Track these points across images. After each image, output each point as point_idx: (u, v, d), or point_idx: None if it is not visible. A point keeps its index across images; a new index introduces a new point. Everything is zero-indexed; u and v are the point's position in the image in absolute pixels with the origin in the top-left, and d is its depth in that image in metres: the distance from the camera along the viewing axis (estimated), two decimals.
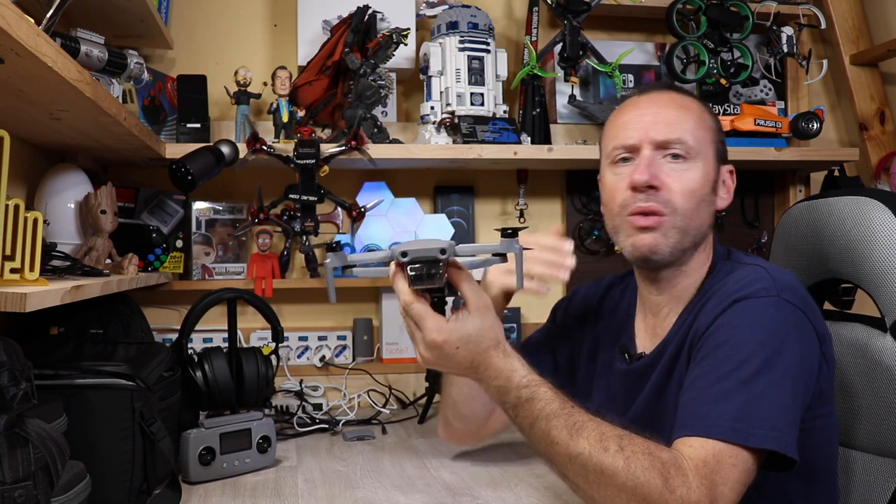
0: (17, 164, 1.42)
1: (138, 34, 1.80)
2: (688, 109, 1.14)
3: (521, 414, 0.97)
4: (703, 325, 1.04)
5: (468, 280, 1.01)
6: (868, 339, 1.21)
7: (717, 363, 0.98)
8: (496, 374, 0.99)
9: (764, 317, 1.00)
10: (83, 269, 1.28)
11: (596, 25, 2.11)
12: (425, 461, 1.47)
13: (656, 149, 1.11)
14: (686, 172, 1.10)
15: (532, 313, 2.07)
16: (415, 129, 2.02)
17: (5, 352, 0.86)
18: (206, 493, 1.30)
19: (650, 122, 1.12)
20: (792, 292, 1.03)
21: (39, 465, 0.87)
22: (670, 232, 1.10)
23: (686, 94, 1.18)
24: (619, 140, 1.15)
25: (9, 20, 0.79)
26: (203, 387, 1.41)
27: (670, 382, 1.09)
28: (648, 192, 1.09)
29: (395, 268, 0.99)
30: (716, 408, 0.93)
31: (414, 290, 0.98)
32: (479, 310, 0.99)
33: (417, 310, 0.99)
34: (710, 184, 1.13)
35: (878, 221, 1.20)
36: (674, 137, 1.10)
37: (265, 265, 1.89)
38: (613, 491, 0.89)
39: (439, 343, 0.98)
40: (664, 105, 1.14)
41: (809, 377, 1.01)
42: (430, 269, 0.95)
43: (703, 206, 1.11)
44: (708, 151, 1.13)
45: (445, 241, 0.95)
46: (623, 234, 1.14)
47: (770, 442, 0.91)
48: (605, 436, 0.91)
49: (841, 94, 2.27)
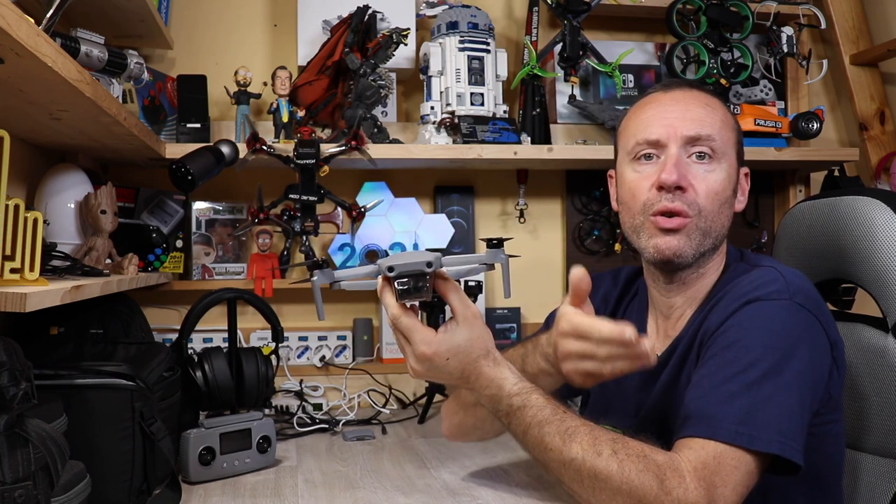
0: (17, 164, 1.42)
1: (138, 34, 1.80)
2: (714, 108, 1.12)
3: (514, 422, 0.97)
4: (714, 324, 1.03)
5: (455, 291, 1.01)
6: (870, 340, 1.21)
7: (725, 364, 0.97)
8: (487, 384, 0.99)
9: (775, 320, 0.98)
10: (83, 269, 1.28)
11: (596, 25, 2.10)
12: (425, 461, 1.47)
13: (683, 146, 1.09)
14: (712, 174, 1.09)
15: (532, 313, 2.07)
16: (415, 129, 2.02)
17: (5, 352, 0.86)
18: (206, 493, 1.30)
19: (677, 118, 1.10)
20: (805, 296, 1.01)
21: (39, 465, 0.87)
22: (694, 234, 1.08)
23: (710, 94, 1.15)
24: (642, 135, 1.12)
25: (9, 20, 0.78)
26: (203, 387, 1.41)
27: (680, 381, 1.08)
28: (675, 193, 1.07)
29: (383, 282, 1.00)
30: (720, 409, 0.92)
31: (402, 304, 0.99)
32: (467, 320, 0.99)
33: (405, 323, 1.00)
34: (733, 185, 1.12)
35: (879, 221, 1.20)
36: (704, 134, 1.08)
37: (265, 265, 1.89)
38: (609, 495, 0.89)
39: (429, 355, 0.99)
40: (691, 102, 1.12)
41: (819, 383, 1.00)
42: (417, 283, 0.96)
43: (724, 208, 1.10)
44: (731, 153, 1.12)
45: (432, 255, 0.96)
46: (645, 235, 1.11)
47: (774, 446, 0.90)
48: (598, 440, 0.91)
49: (841, 94, 2.27)
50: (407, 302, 0.99)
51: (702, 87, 1.17)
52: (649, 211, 1.10)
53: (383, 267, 0.96)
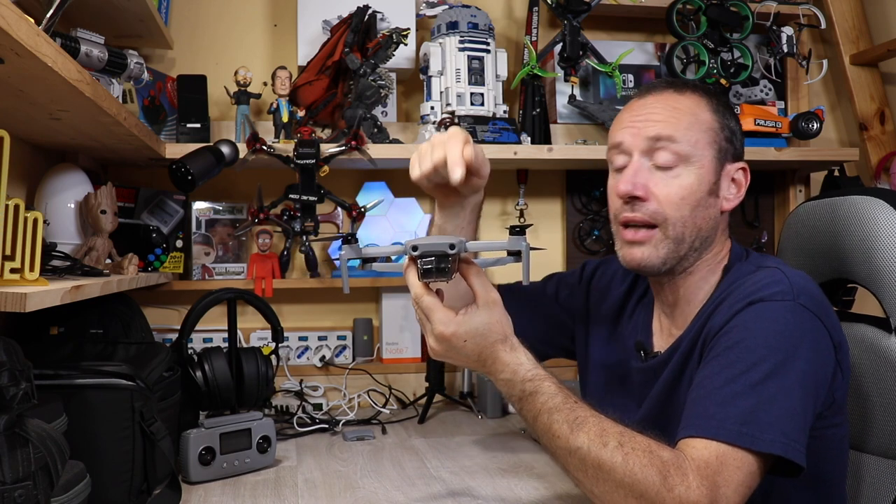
0: (17, 164, 1.42)
1: (138, 34, 1.80)
2: (682, 110, 1.10)
3: (526, 407, 0.98)
4: (717, 324, 1.02)
5: (478, 275, 1.02)
6: (874, 340, 1.20)
7: (728, 364, 0.96)
8: (503, 368, 1.00)
9: (779, 321, 0.98)
10: (83, 269, 1.28)
11: (596, 25, 2.10)
12: (425, 461, 1.47)
13: (646, 151, 1.09)
14: (676, 179, 1.08)
15: None
16: (415, 129, 2.02)
17: (5, 352, 0.86)
18: (206, 493, 1.30)
19: (641, 122, 1.10)
20: (809, 297, 1.00)
21: (39, 465, 0.87)
22: (661, 244, 1.08)
23: (685, 93, 1.13)
24: (611, 139, 1.14)
25: (9, 20, 0.78)
26: (203, 387, 1.41)
27: (682, 380, 1.08)
28: (634, 203, 1.08)
29: (408, 261, 1.01)
30: (723, 409, 0.92)
31: (424, 284, 1.00)
32: (487, 304, 1.00)
33: (427, 303, 1.00)
34: (708, 186, 1.09)
35: (882, 221, 1.19)
36: (664, 135, 1.07)
37: (265, 265, 1.89)
38: (611, 486, 0.89)
39: (447, 336, 0.99)
40: (659, 105, 1.11)
41: (822, 385, 0.99)
42: (440, 264, 0.97)
43: (699, 210, 1.08)
44: (705, 153, 1.09)
45: (456, 238, 0.98)
46: (618, 243, 1.14)
47: (777, 447, 0.90)
48: (605, 432, 0.92)
49: (841, 94, 2.27)
50: (430, 283, 0.99)
51: (678, 87, 1.14)
52: (618, 220, 1.12)
53: (408, 246, 0.98)
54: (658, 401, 1.12)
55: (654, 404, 1.12)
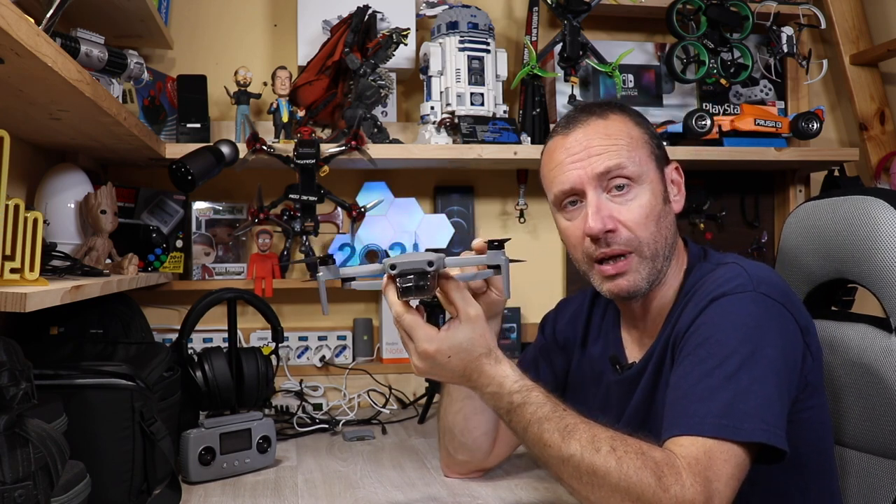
0: (17, 164, 1.42)
1: (138, 34, 1.80)
2: (615, 135, 1.11)
3: (515, 419, 0.98)
4: (684, 325, 1.05)
5: (458, 290, 1.02)
6: (874, 340, 1.20)
7: (700, 361, 0.98)
8: (488, 382, 1.00)
9: (743, 312, 1.00)
10: (83, 269, 1.28)
11: (596, 25, 2.10)
12: (425, 461, 1.47)
13: (598, 185, 1.09)
14: (635, 201, 1.09)
15: (532, 313, 2.07)
16: (415, 129, 2.02)
17: (5, 352, 0.86)
18: (206, 493, 1.30)
19: (583, 160, 1.10)
20: (769, 286, 1.03)
21: (39, 465, 0.87)
22: (641, 267, 1.10)
23: (608, 116, 1.13)
24: (558, 186, 1.13)
25: (9, 20, 0.78)
26: (203, 387, 1.41)
27: (659, 387, 1.10)
28: (607, 236, 1.08)
29: (387, 280, 1.01)
30: (702, 405, 0.94)
31: (405, 302, 1.00)
32: (469, 319, 1.00)
33: (408, 321, 1.00)
34: (661, 196, 1.12)
35: (882, 221, 1.20)
36: (613, 165, 1.08)
37: (265, 265, 1.89)
38: (607, 492, 0.89)
39: (431, 353, 0.99)
40: (592, 137, 1.11)
41: (793, 369, 1.01)
42: (419, 281, 0.97)
43: (661, 221, 1.11)
44: (649, 167, 1.11)
45: (434, 255, 0.97)
46: (596, 279, 1.13)
47: (759, 435, 0.92)
48: (596, 437, 0.92)
49: (841, 94, 2.27)
50: (410, 300, 0.99)
51: (601, 111, 1.14)
52: (591, 259, 1.12)
53: (386, 265, 0.98)
54: (637, 410, 1.13)
55: (635, 414, 1.14)
